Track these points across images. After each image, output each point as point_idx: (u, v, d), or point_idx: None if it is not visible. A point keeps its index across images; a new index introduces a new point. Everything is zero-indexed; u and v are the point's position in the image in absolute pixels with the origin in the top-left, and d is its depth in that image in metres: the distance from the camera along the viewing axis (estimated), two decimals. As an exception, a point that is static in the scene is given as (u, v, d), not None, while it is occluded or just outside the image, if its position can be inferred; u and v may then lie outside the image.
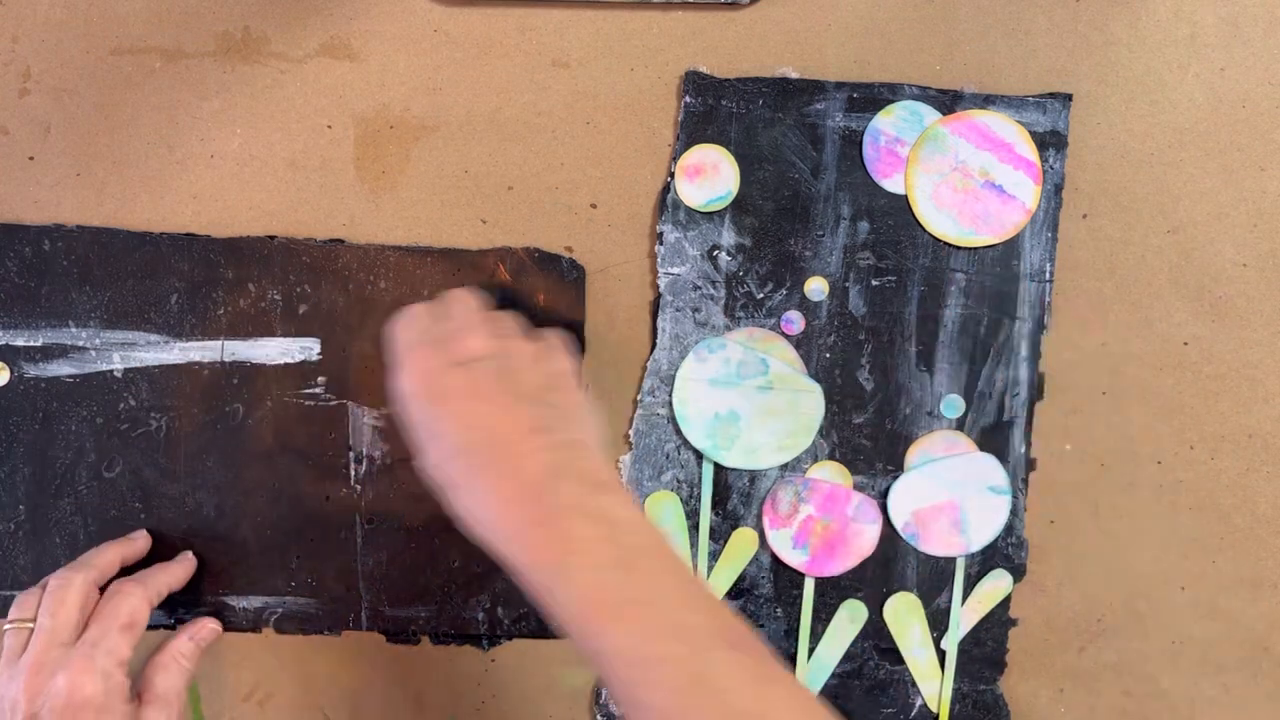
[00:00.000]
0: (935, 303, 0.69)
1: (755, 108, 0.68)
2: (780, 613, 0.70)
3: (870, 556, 0.70)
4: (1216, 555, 0.70)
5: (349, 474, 0.70)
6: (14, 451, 0.70)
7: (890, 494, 0.69)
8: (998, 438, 0.69)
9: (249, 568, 0.70)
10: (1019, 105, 0.68)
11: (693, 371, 0.69)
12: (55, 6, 0.69)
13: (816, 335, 0.69)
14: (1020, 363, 0.69)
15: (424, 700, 0.72)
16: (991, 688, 0.70)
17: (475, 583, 0.70)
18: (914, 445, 0.69)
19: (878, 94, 0.68)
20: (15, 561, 0.70)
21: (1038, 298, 0.69)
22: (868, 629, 0.70)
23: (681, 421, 0.69)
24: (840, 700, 0.70)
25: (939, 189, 0.68)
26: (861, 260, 0.69)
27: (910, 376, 0.69)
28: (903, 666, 0.70)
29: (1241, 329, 0.69)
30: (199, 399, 0.69)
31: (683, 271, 0.69)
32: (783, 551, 0.70)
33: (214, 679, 0.72)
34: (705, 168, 0.69)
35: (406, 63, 0.69)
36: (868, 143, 0.68)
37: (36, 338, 0.69)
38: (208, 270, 0.69)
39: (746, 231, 0.69)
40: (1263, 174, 0.69)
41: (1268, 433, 0.70)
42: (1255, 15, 0.68)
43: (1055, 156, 0.68)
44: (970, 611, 0.70)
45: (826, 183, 0.69)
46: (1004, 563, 0.70)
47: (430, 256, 0.69)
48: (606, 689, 0.64)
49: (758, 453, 0.69)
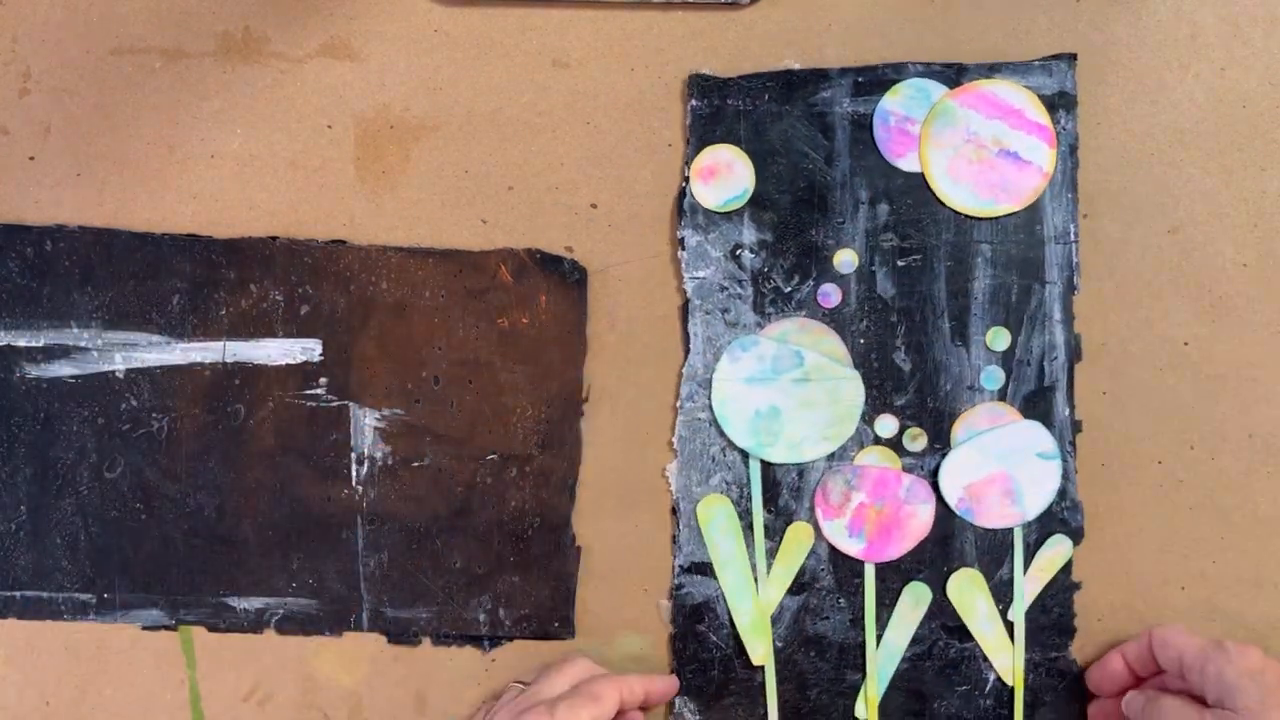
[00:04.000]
0: (963, 276, 0.69)
1: (762, 103, 0.69)
2: (844, 603, 0.70)
3: (927, 537, 0.69)
4: (1216, 555, 0.70)
5: (350, 475, 0.70)
6: (15, 452, 0.70)
7: (940, 472, 0.69)
8: (1041, 404, 0.69)
9: (250, 569, 0.70)
10: (1024, 70, 0.68)
11: (728, 372, 0.69)
12: (55, 6, 0.69)
13: (849, 322, 0.69)
14: (1055, 326, 0.69)
15: (424, 701, 0.72)
16: (1064, 654, 0.70)
17: (476, 584, 0.70)
18: (958, 420, 0.69)
19: (882, 75, 0.69)
20: (16, 562, 0.70)
21: (1065, 259, 0.69)
22: (933, 609, 0.70)
23: (723, 423, 0.69)
24: (914, 683, 0.70)
25: (954, 162, 0.68)
26: (885, 242, 0.69)
27: (947, 353, 0.69)
28: (972, 643, 0.70)
29: (1241, 329, 0.69)
30: (200, 400, 0.69)
31: (708, 274, 0.69)
32: (839, 541, 0.69)
33: (214, 679, 0.72)
34: (719, 168, 0.69)
35: (406, 63, 0.69)
36: (878, 125, 0.68)
37: (38, 338, 0.69)
38: (209, 271, 0.69)
39: (767, 227, 0.69)
40: (1263, 174, 0.69)
41: (1268, 433, 0.70)
42: (1255, 15, 0.68)
43: (1066, 117, 0.68)
44: (1033, 580, 0.69)
45: (841, 169, 0.69)
46: (1060, 527, 0.69)
47: (432, 257, 0.69)
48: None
49: (802, 446, 0.69)
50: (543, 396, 0.70)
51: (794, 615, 0.70)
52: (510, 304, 0.69)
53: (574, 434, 0.70)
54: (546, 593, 0.70)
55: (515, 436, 0.70)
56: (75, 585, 0.70)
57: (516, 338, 0.69)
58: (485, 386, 0.69)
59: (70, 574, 0.70)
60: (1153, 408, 0.69)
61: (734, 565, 0.70)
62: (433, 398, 0.70)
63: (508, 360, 0.69)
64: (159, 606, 0.70)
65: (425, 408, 0.70)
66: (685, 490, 0.70)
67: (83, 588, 0.70)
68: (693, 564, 0.70)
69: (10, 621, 0.71)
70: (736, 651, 0.70)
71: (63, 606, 0.71)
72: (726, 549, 0.70)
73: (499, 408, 0.70)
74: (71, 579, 0.70)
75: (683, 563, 0.70)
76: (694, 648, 0.70)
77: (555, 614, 0.70)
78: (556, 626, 0.70)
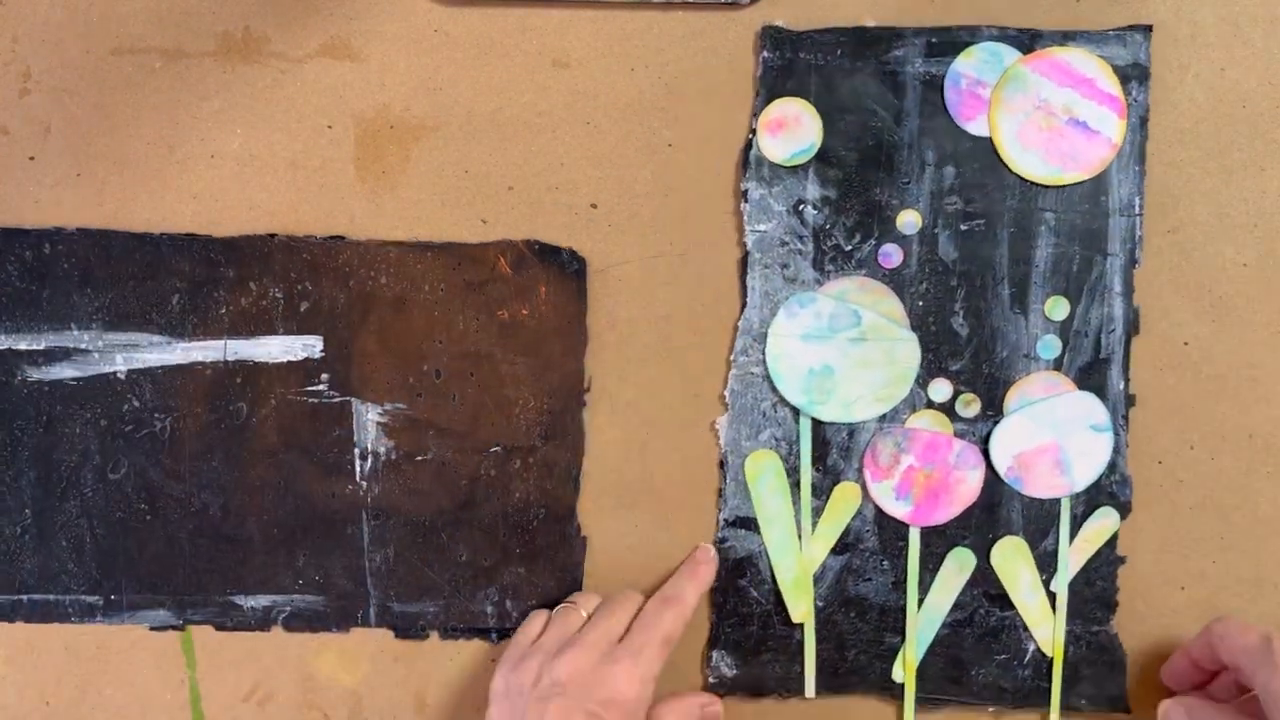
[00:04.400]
0: (1025, 244, 0.69)
1: (834, 58, 0.68)
2: (887, 565, 0.70)
3: (974, 503, 0.69)
4: (1216, 555, 0.70)
5: (354, 470, 0.70)
6: (18, 455, 0.70)
7: (992, 439, 0.69)
8: (1096, 375, 0.69)
9: (256, 567, 0.70)
10: (1099, 40, 0.68)
11: (784, 328, 0.69)
12: (55, 6, 0.69)
13: (909, 283, 0.69)
14: (1114, 299, 0.68)
15: (424, 701, 0.72)
16: (1105, 628, 0.70)
17: (483, 576, 0.70)
18: (1012, 388, 0.69)
19: (956, 37, 0.68)
20: (22, 565, 0.70)
21: (1129, 232, 0.68)
22: (976, 576, 0.70)
23: (776, 378, 0.69)
24: (953, 649, 0.70)
25: (1024, 129, 0.68)
26: (949, 205, 0.68)
27: (1005, 319, 0.69)
28: (1013, 612, 0.70)
29: (1241, 329, 0.69)
30: (202, 399, 0.70)
31: (769, 228, 0.69)
32: (886, 503, 0.69)
33: (214, 679, 0.72)
34: (787, 121, 0.68)
35: (406, 63, 0.69)
36: (949, 87, 0.68)
37: (39, 341, 0.69)
38: (208, 270, 0.69)
39: (831, 184, 0.69)
40: (1263, 174, 0.69)
41: (1268, 433, 0.70)
42: (1255, 15, 0.68)
43: (1138, 89, 0.68)
44: (1077, 552, 0.69)
45: (909, 129, 0.68)
46: (1109, 500, 0.69)
47: (431, 251, 0.70)
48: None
49: (854, 406, 0.69)
50: (544, 388, 0.70)
51: (836, 575, 0.70)
52: (510, 296, 0.70)
53: (577, 424, 0.70)
54: (553, 584, 0.71)
55: (518, 428, 0.70)
56: (81, 587, 0.70)
57: (517, 329, 0.70)
58: (487, 379, 0.70)
59: (76, 576, 0.70)
60: (1153, 408, 0.70)
61: (779, 522, 0.70)
62: (434, 391, 0.70)
63: (509, 352, 0.70)
64: (166, 607, 0.71)
65: (427, 401, 0.70)
66: (734, 444, 0.70)
67: (89, 590, 0.70)
68: (738, 518, 0.70)
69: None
70: (776, 608, 0.70)
71: (69, 609, 0.71)
72: (773, 505, 0.70)
73: (501, 400, 0.70)
74: (78, 581, 0.70)
75: (728, 516, 0.70)
76: (734, 602, 0.70)
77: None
78: (563, 618, 0.70)
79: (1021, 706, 0.70)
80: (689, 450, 0.70)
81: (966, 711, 0.71)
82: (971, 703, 0.70)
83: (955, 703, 0.70)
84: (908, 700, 0.70)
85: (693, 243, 0.70)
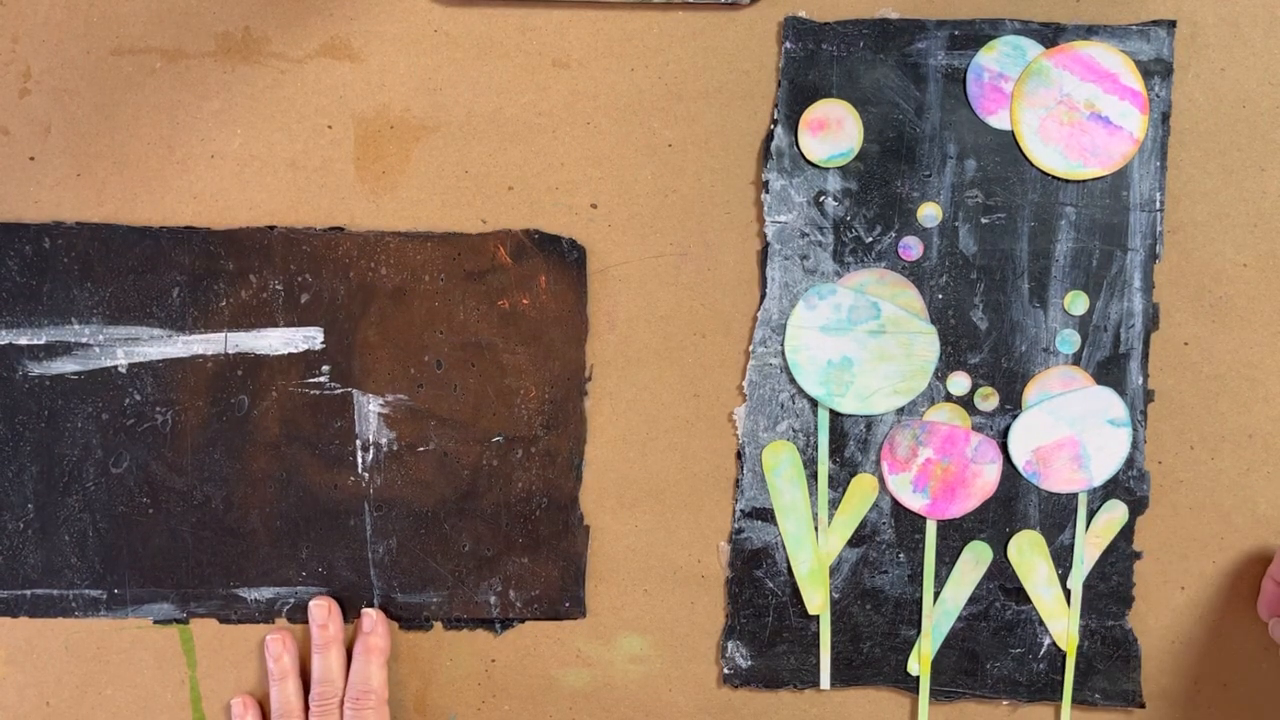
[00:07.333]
0: (1046, 238, 0.69)
1: (856, 50, 0.68)
2: (903, 557, 0.70)
3: (991, 497, 0.69)
4: (1216, 555, 0.71)
5: (356, 462, 0.70)
6: (21, 450, 0.69)
7: (1010, 433, 0.69)
8: (1115, 370, 0.69)
9: (259, 559, 0.70)
10: (1122, 35, 0.68)
11: (803, 319, 0.69)
12: (55, 6, 0.69)
13: (928, 276, 0.69)
14: (1134, 294, 0.69)
15: (424, 699, 0.72)
16: (1120, 623, 0.70)
17: (486, 566, 0.71)
18: (1031, 382, 0.69)
19: (979, 30, 0.68)
20: (25, 560, 0.70)
21: (1149, 227, 0.68)
22: (992, 570, 0.70)
23: (795, 370, 0.69)
24: (968, 642, 0.70)
25: (1045, 123, 0.68)
26: (970, 198, 0.69)
27: (1024, 313, 0.69)
28: (1029, 606, 0.70)
29: (1241, 329, 0.70)
30: (204, 392, 0.70)
31: (789, 219, 0.69)
32: (903, 496, 0.70)
33: (214, 678, 0.72)
34: (829, 123, 0.68)
35: (406, 63, 0.69)
36: (971, 80, 0.68)
37: (40, 336, 0.69)
38: (208, 263, 0.69)
39: (852, 176, 0.69)
40: (1263, 174, 0.69)
41: (1268, 433, 0.70)
42: (1255, 15, 0.69)
43: (1161, 84, 0.68)
44: (1090, 545, 0.70)
45: (931, 122, 0.68)
46: (1125, 495, 0.69)
47: (430, 241, 0.70)
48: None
49: (872, 398, 0.69)
50: (546, 377, 0.70)
51: (853, 567, 0.70)
52: (510, 285, 0.70)
53: (578, 413, 0.70)
54: (556, 573, 0.71)
55: (520, 418, 0.70)
56: (85, 582, 0.70)
57: (517, 319, 0.70)
58: (488, 369, 0.70)
59: (80, 571, 0.70)
60: (1153, 407, 0.70)
61: (796, 513, 0.70)
62: (436, 382, 0.70)
63: (509, 342, 0.70)
64: (169, 600, 0.70)
65: (429, 392, 0.70)
66: (751, 435, 0.70)
67: (92, 584, 0.70)
68: (754, 509, 0.70)
69: (11, 621, 0.71)
70: (792, 599, 0.71)
71: (73, 603, 0.70)
72: (789, 496, 0.70)
73: (502, 390, 0.70)
74: (81, 575, 0.70)
75: (744, 507, 0.70)
76: (750, 593, 0.71)
77: (566, 593, 0.71)
78: (567, 606, 0.71)
79: (1036, 700, 0.71)
80: (690, 447, 0.71)
81: (981, 705, 0.72)
82: (986, 696, 0.71)
83: (970, 696, 0.71)
84: (922, 693, 0.71)
85: (693, 242, 0.70)
